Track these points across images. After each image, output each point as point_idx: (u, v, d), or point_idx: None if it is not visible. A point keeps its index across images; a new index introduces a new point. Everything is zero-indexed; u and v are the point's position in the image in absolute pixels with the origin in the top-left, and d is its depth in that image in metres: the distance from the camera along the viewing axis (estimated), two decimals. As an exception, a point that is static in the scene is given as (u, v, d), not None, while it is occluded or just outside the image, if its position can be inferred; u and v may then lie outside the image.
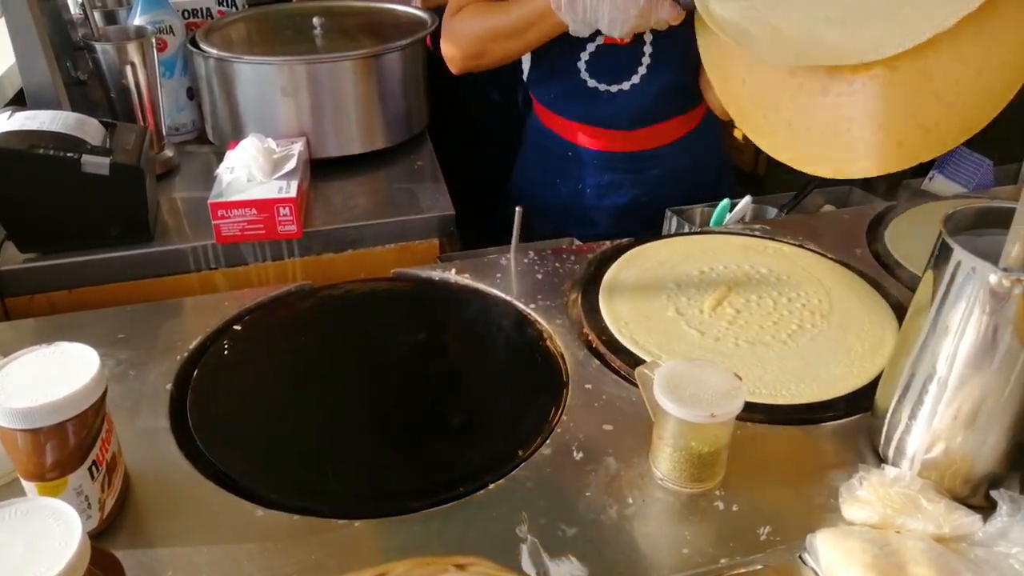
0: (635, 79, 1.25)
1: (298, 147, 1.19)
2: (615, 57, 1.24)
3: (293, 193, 1.08)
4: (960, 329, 0.64)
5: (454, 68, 1.26)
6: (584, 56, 1.23)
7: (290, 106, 1.27)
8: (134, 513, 0.70)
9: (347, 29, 1.44)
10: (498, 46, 1.18)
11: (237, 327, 0.94)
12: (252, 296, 0.99)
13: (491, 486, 0.72)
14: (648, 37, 1.21)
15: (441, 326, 0.96)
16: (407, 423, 0.82)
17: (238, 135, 1.26)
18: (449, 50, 1.23)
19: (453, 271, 1.04)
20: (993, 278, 0.60)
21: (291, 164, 1.14)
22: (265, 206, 1.07)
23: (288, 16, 1.50)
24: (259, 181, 1.11)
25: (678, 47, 1.22)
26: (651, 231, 1.18)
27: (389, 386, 0.86)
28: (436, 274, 1.04)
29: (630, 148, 1.32)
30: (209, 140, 1.39)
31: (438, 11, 1.55)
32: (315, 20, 1.39)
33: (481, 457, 0.75)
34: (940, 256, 0.66)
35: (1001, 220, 0.66)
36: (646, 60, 1.24)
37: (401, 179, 1.30)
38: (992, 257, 0.62)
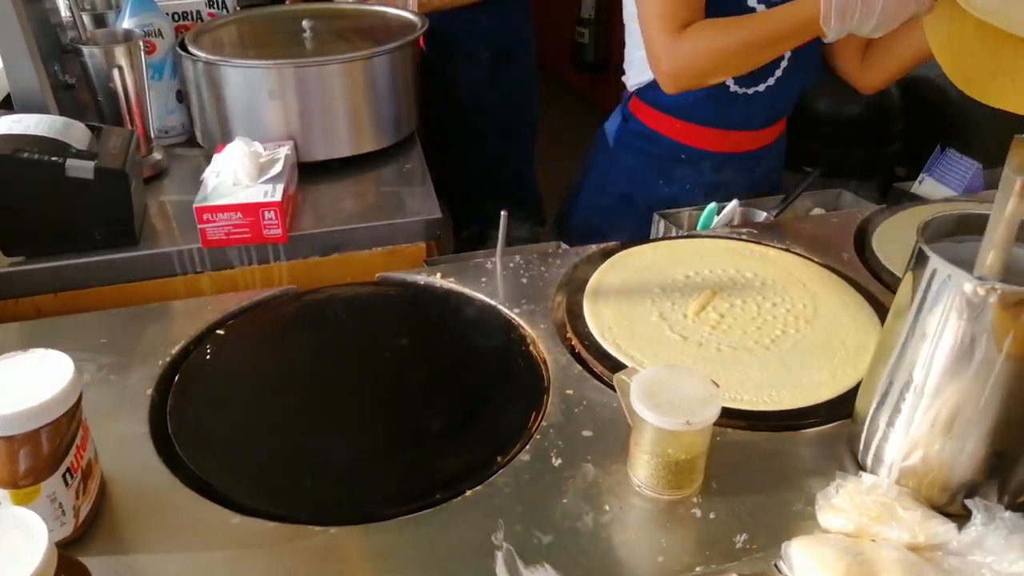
0: (771, 81, 1.28)
1: (284, 151, 1.19)
2: None
3: (278, 197, 1.08)
4: (937, 336, 0.64)
5: (674, 86, 1.18)
6: None
7: (278, 109, 1.27)
8: (110, 519, 0.70)
9: (337, 32, 1.44)
10: (744, 60, 1.15)
11: (220, 331, 0.94)
12: (236, 300, 0.99)
13: (468, 492, 0.71)
14: None
15: (424, 331, 0.96)
16: (387, 428, 0.81)
17: (227, 138, 1.26)
18: (678, 68, 1.16)
19: (438, 275, 1.04)
20: (968, 287, 0.60)
21: (277, 168, 1.14)
22: (250, 210, 1.07)
23: (278, 19, 1.51)
24: (245, 185, 1.11)
25: (813, 48, 1.26)
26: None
27: (370, 391, 0.86)
28: (421, 278, 1.04)
29: (745, 148, 1.37)
30: (198, 143, 1.39)
31: (430, 16, 1.56)
32: (305, 23, 1.39)
33: (460, 463, 0.75)
34: (917, 263, 0.65)
35: (980, 227, 0.65)
36: (784, 63, 1.27)
37: (389, 182, 1.30)
38: (971, 264, 0.62)
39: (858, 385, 0.78)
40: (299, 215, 1.18)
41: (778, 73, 1.27)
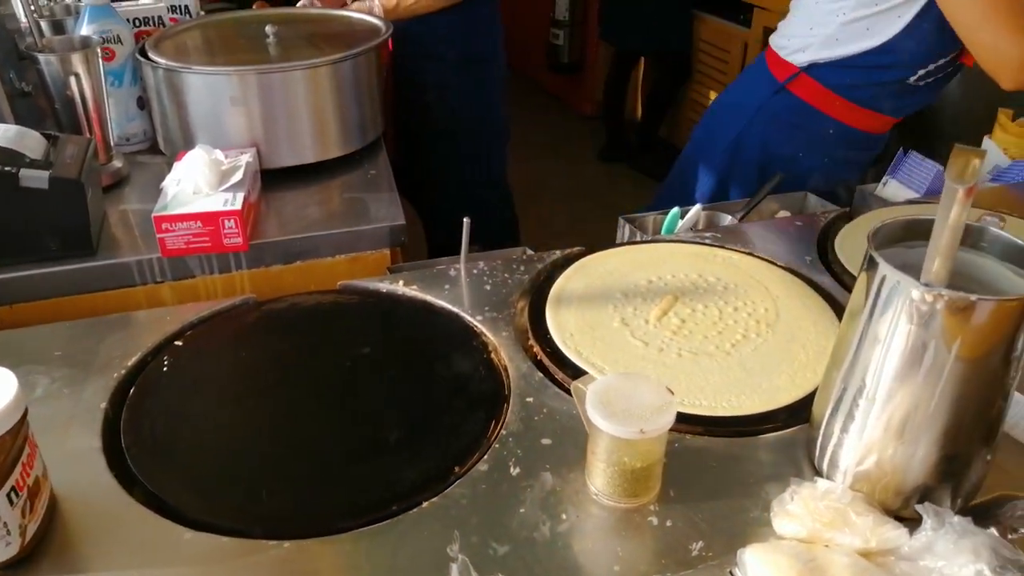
0: (940, 75, 1.38)
1: (246, 158, 1.18)
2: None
3: (239, 205, 1.07)
4: (888, 341, 0.64)
5: (1018, 84, 1.25)
6: (941, 62, 1.35)
7: (241, 116, 1.25)
8: (60, 537, 0.69)
9: (301, 37, 1.42)
10: None
11: (178, 343, 0.93)
12: (195, 311, 0.97)
13: (425, 504, 0.71)
14: None
15: (385, 340, 0.95)
16: (346, 440, 0.81)
17: (189, 145, 1.24)
18: None
19: (401, 283, 1.03)
20: (915, 293, 0.60)
21: (238, 176, 1.12)
22: (210, 219, 1.06)
23: (241, 24, 1.49)
24: (205, 193, 1.09)
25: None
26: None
27: (329, 403, 0.86)
28: (383, 286, 1.03)
29: (880, 131, 1.50)
30: (160, 150, 1.37)
31: (398, 20, 1.55)
32: (268, 28, 1.38)
33: (417, 474, 0.75)
34: (868, 269, 0.66)
35: (928, 232, 0.65)
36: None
37: (354, 188, 1.29)
38: (920, 270, 0.62)
39: (816, 389, 0.78)
40: (262, 223, 1.17)
41: (950, 70, 1.38)
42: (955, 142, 0.94)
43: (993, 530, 0.63)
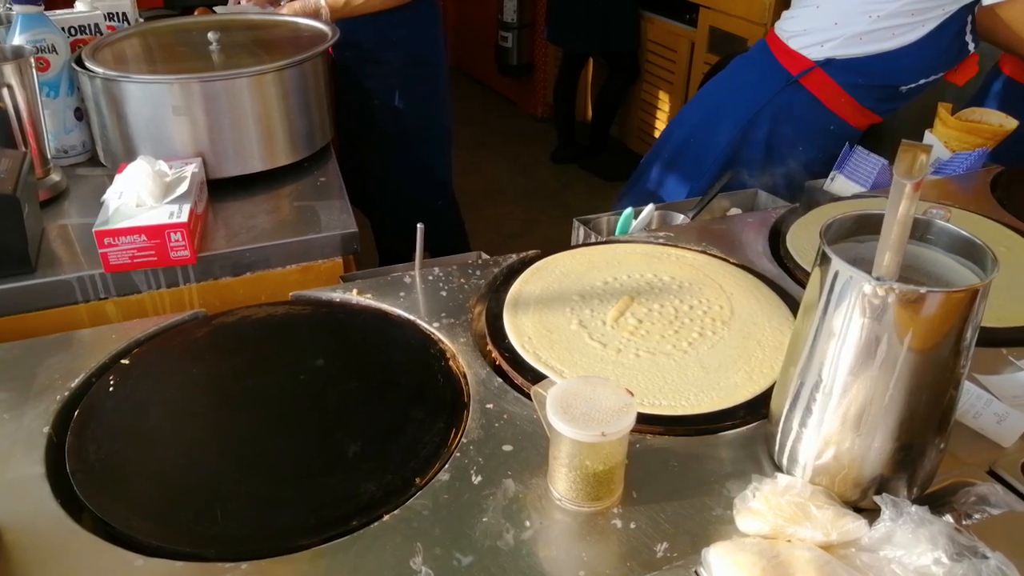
0: (927, 87, 1.47)
1: (191, 168, 1.15)
2: None
3: (185, 218, 1.04)
4: (843, 335, 0.65)
5: None
6: (941, 74, 1.45)
7: (184, 125, 1.22)
8: (3, 569, 0.66)
9: (245, 44, 1.40)
10: None
11: (125, 361, 0.89)
12: (142, 327, 0.94)
13: (386, 517, 0.70)
14: None
15: (340, 351, 0.93)
16: (302, 455, 0.79)
17: (130, 157, 1.21)
18: None
19: (354, 291, 1.01)
20: (868, 287, 0.61)
21: (183, 187, 1.09)
22: (155, 232, 1.03)
23: (182, 31, 1.46)
24: (149, 206, 1.06)
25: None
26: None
27: (284, 417, 0.83)
28: (336, 295, 1.01)
29: (864, 127, 1.57)
30: (101, 162, 1.33)
31: (339, 24, 1.52)
32: (211, 35, 1.35)
33: (377, 487, 0.73)
34: (821, 265, 0.66)
35: (879, 226, 0.66)
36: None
37: (304, 196, 1.27)
38: (871, 264, 0.63)
39: (774, 385, 0.78)
40: (209, 234, 1.14)
41: (933, 84, 1.47)
42: (895, 136, 0.96)
43: (949, 517, 0.64)
